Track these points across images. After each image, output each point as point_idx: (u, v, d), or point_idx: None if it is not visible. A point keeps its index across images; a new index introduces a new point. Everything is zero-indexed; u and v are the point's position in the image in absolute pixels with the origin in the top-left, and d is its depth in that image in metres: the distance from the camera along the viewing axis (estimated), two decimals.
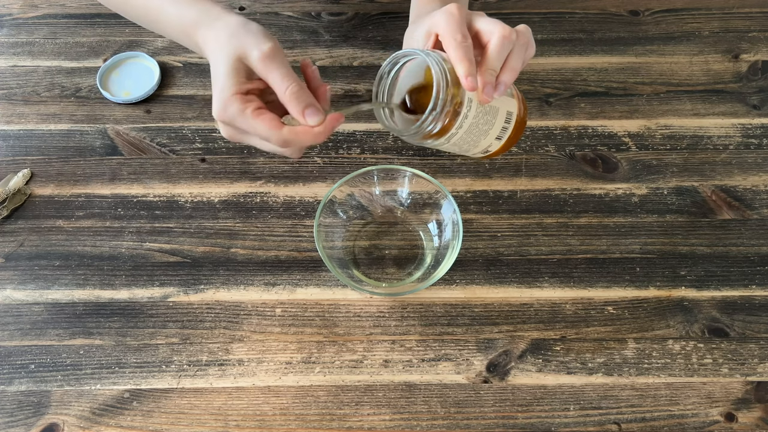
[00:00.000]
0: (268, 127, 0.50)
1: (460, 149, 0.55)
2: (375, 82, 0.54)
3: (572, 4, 0.84)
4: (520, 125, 0.55)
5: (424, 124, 0.49)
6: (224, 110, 0.51)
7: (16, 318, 0.65)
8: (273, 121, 0.50)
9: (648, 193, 0.71)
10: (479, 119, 0.51)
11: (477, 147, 0.54)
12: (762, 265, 0.67)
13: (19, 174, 0.72)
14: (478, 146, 0.54)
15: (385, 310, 0.65)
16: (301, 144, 0.51)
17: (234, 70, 0.51)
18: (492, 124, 0.52)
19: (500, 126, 0.53)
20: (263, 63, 0.50)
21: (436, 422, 0.60)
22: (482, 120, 0.51)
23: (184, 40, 0.59)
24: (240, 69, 0.51)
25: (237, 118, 0.51)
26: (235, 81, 0.51)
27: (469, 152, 0.56)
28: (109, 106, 0.77)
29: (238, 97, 0.51)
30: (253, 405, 0.61)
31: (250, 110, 0.50)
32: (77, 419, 0.60)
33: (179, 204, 0.71)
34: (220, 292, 0.66)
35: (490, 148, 0.55)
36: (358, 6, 0.84)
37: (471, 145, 0.54)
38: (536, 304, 0.65)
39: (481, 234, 0.69)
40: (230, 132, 0.53)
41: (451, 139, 0.51)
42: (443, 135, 0.51)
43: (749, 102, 0.77)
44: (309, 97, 0.51)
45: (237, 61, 0.51)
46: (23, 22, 0.83)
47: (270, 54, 0.50)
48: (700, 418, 0.60)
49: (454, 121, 0.50)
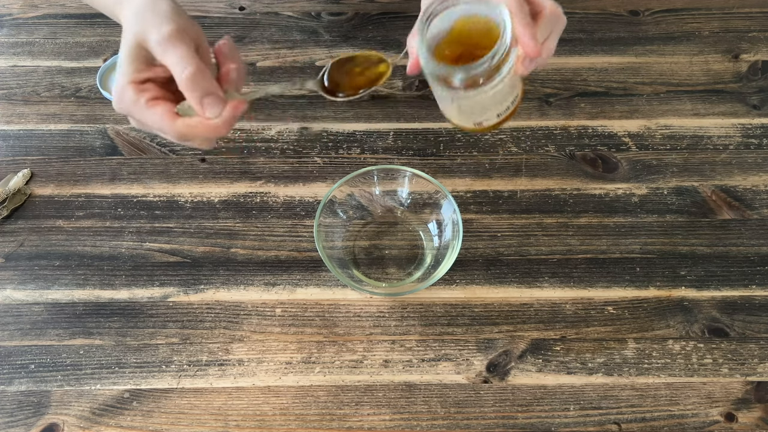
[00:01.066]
0: (161, 119, 0.46)
1: (471, 111, 0.54)
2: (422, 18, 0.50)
3: (572, 4, 0.84)
4: (514, 111, 0.57)
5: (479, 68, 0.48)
6: (120, 100, 0.47)
7: (16, 318, 0.65)
8: (167, 113, 0.46)
9: (648, 193, 0.71)
10: (504, 87, 0.52)
11: (483, 115, 0.55)
12: (762, 265, 0.67)
13: (19, 174, 0.72)
14: (484, 114, 0.55)
15: (385, 310, 0.65)
16: (200, 136, 0.47)
17: (133, 55, 0.46)
18: (506, 98, 0.53)
19: (509, 102, 0.54)
20: (161, 46, 0.45)
21: (436, 422, 0.60)
22: (506, 89, 0.52)
23: (113, 19, 0.54)
24: (139, 55, 0.47)
25: (131, 108, 0.47)
26: (133, 68, 0.46)
27: (472, 118, 0.56)
28: (109, 106, 0.77)
29: (132, 86, 0.46)
30: (253, 405, 0.61)
31: (143, 100, 0.46)
32: (77, 419, 0.60)
33: (179, 204, 0.71)
34: (220, 292, 0.66)
35: (488, 120, 0.56)
36: (358, 6, 0.84)
37: (483, 110, 0.54)
38: (536, 304, 0.65)
39: (481, 234, 0.69)
40: (133, 122, 0.49)
41: (478, 96, 0.51)
42: (476, 87, 0.50)
43: (749, 102, 0.77)
44: (208, 83, 0.46)
45: (137, 46, 0.46)
46: (23, 22, 0.83)
47: (169, 36, 0.45)
48: (700, 418, 0.60)
49: (494, 77, 0.50)
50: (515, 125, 0.75)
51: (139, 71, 0.47)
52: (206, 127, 0.47)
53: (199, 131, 0.47)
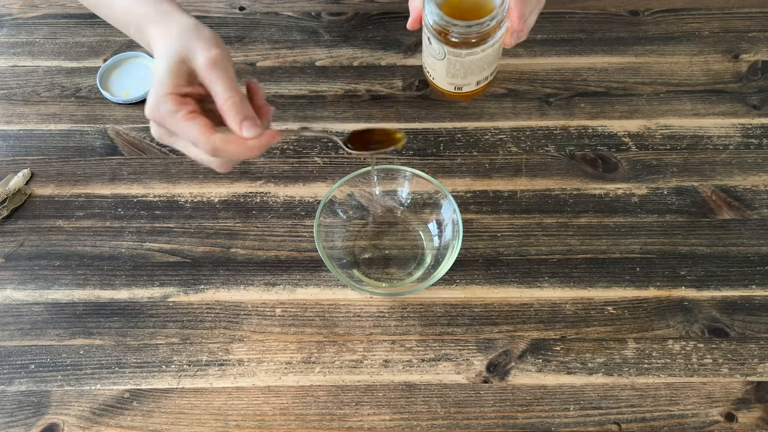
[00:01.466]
0: (199, 132, 0.48)
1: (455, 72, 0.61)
2: None
3: (572, 4, 0.84)
4: (487, 86, 0.67)
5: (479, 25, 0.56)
6: (156, 108, 0.49)
7: (16, 318, 0.65)
8: (205, 126, 0.48)
9: (648, 193, 0.71)
10: (490, 55, 0.60)
11: (466, 78, 0.63)
12: (762, 265, 0.67)
13: (19, 174, 0.72)
14: (467, 78, 0.63)
15: (385, 310, 0.65)
16: (231, 155, 0.49)
17: (175, 70, 0.49)
18: (489, 66, 0.62)
19: (488, 72, 0.64)
20: (207, 69, 0.49)
21: (436, 422, 0.60)
22: (491, 57, 0.61)
23: (135, 34, 0.56)
24: (181, 71, 0.49)
25: (168, 118, 0.49)
26: (174, 82, 0.49)
27: (455, 80, 0.63)
28: (109, 106, 0.77)
29: (172, 97, 0.49)
30: (253, 405, 0.61)
31: (183, 112, 0.48)
32: (77, 419, 0.60)
33: (179, 204, 0.71)
34: (220, 292, 0.66)
35: (468, 86, 0.64)
36: (358, 6, 0.84)
37: (466, 74, 0.62)
38: (536, 304, 0.65)
39: (481, 234, 0.69)
40: (160, 132, 0.51)
41: (469, 56, 0.59)
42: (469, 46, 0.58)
43: (749, 102, 0.77)
44: (249, 110, 0.49)
45: (180, 62, 0.49)
46: (23, 22, 0.83)
47: (216, 61, 0.48)
48: (700, 418, 0.60)
49: (488, 39, 0.58)
50: (515, 125, 0.75)
51: (180, 85, 0.49)
52: (241, 146, 0.49)
53: (233, 148, 0.49)
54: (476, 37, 0.57)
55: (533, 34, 0.81)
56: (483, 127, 0.75)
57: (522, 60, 0.80)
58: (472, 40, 0.57)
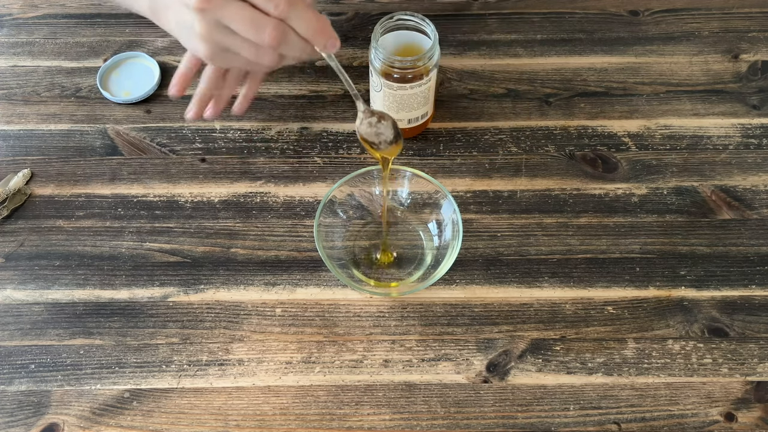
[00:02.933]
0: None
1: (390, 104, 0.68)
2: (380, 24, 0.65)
3: (572, 4, 0.84)
4: (418, 130, 0.73)
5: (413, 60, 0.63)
6: None
7: (16, 318, 0.65)
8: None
9: (648, 193, 0.71)
10: (420, 94, 0.67)
11: (399, 113, 0.68)
12: (762, 265, 0.67)
13: (19, 174, 0.72)
14: (399, 113, 0.68)
15: (385, 310, 0.65)
16: (309, 34, 0.47)
17: None
18: (419, 107, 0.69)
19: (419, 113, 0.70)
20: None
21: (436, 422, 0.60)
22: (421, 98, 0.68)
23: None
24: None
25: None
26: None
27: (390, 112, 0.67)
28: (109, 106, 0.77)
29: None
30: (253, 405, 0.61)
31: None
32: (77, 419, 0.60)
33: (179, 204, 0.71)
34: (220, 292, 0.66)
35: (400, 122, 0.69)
36: (358, 6, 0.84)
37: (398, 108, 0.68)
38: (536, 304, 0.65)
39: (481, 234, 0.69)
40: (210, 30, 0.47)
41: (402, 90, 0.66)
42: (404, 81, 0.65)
43: (749, 102, 0.77)
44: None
45: None
46: (23, 22, 0.83)
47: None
48: (699, 418, 0.60)
49: (418, 80, 0.65)
50: (515, 125, 0.75)
51: None
52: (325, 33, 0.47)
53: (321, 26, 0.47)
54: (411, 73, 0.64)
55: (533, 34, 0.81)
56: (483, 127, 0.75)
57: (522, 60, 0.80)
58: (408, 75, 0.64)
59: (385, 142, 0.57)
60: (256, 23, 0.46)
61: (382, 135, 0.55)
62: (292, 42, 0.46)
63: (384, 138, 0.56)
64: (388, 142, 0.57)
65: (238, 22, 0.46)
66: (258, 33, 0.46)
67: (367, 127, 0.55)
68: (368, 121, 0.55)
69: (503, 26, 0.82)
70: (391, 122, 0.57)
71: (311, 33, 0.46)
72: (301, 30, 0.46)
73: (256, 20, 0.46)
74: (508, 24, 0.82)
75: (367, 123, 0.55)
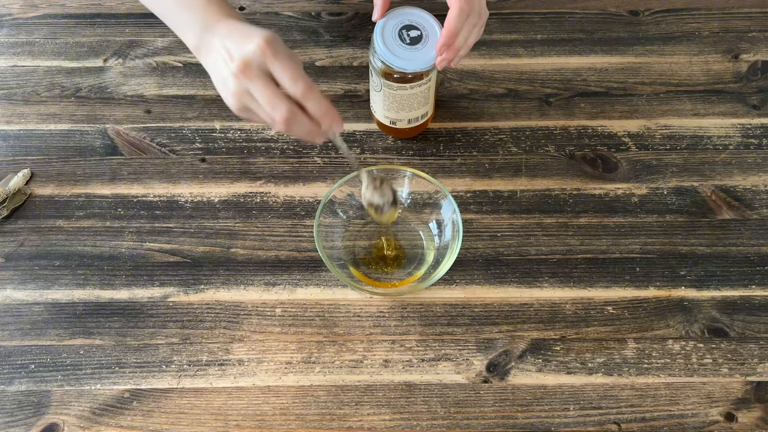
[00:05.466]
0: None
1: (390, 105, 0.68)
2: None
3: (572, 4, 0.84)
4: (418, 129, 0.73)
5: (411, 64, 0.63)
6: (273, 39, 0.51)
7: (16, 318, 0.65)
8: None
9: (648, 193, 0.71)
10: (420, 94, 0.67)
11: (399, 113, 0.69)
12: (762, 265, 0.67)
13: (19, 174, 0.72)
14: (400, 113, 0.69)
15: (385, 310, 0.65)
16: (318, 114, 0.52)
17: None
18: (419, 107, 0.69)
19: (419, 113, 0.70)
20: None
21: (436, 422, 0.60)
22: (421, 98, 0.68)
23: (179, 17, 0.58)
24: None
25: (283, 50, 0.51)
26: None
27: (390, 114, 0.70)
28: (110, 106, 0.77)
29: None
30: (253, 405, 0.61)
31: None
32: (77, 419, 0.60)
33: (179, 204, 0.71)
34: (220, 292, 0.66)
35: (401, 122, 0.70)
36: (358, 6, 0.84)
37: (399, 109, 0.68)
38: (536, 304, 0.65)
39: (481, 234, 0.69)
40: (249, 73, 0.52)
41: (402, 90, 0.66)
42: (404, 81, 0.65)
43: (749, 102, 0.77)
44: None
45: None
46: (23, 22, 0.83)
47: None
48: (699, 418, 0.60)
49: (418, 80, 0.65)
50: (515, 125, 0.75)
51: None
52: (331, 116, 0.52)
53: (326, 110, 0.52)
54: (411, 74, 0.64)
55: (533, 34, 0.81)
56: (483, 127, 0.75)
57: (522, 60, 0.80)
58: (408, 77, 0.64)
59: (388, 203, 0.60)
60: (273, 103, 0.51)
61: (385, 195, 0.60)
62: (300, 123, 0.52)
63: (387, 199, 0.60)
64: (390, 203, 0.60)
65: (260, 97, 0.52)
66: (273, 112, 0.52)
67: (372, 191, 0.60)
68: (373, 185, 0.60)
69: (503, 26, 0.82)
70: (389, 183, 0.61)
71: (320, 114, 0.52)
72: (311, 110, 0.52)
73: (275, 101, 0.51)
74: (508, 24, 0.82)
75: (372, 187, 0.60)
